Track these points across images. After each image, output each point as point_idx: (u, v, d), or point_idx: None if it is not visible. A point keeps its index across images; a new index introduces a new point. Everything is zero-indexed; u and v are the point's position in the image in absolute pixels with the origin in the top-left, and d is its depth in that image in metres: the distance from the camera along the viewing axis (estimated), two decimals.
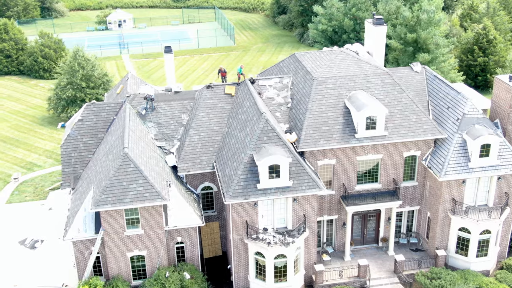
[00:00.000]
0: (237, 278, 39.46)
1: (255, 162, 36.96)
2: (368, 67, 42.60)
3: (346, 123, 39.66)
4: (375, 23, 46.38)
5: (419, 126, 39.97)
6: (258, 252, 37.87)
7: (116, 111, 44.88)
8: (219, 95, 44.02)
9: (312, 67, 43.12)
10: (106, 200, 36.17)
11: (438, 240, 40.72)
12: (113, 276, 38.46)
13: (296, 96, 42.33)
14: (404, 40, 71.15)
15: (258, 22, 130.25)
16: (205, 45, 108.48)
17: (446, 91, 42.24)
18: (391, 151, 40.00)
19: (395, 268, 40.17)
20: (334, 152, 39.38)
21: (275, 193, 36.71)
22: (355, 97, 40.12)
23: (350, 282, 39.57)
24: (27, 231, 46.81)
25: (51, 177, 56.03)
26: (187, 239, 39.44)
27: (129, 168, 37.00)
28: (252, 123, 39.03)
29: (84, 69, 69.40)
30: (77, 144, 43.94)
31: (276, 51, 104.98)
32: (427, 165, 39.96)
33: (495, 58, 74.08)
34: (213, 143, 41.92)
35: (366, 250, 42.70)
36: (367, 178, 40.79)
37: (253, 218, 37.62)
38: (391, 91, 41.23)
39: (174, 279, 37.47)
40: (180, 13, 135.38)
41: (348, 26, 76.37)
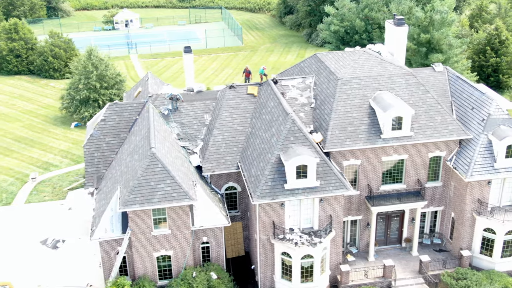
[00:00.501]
0: (263, 278, 39.48)
1: (282, 163, 37.00)
2: (392, 68, 42.65)
3: (372, 124, 39.71)
4: (397, 23, 46.44)
5: (444, 126, 40.03)
6: (284, 252, 37.89)
7: (139, 111, 44.89)
8: (241, 95, 44.06)
9: (335, 67, 43.15)
10: (134, 200, 36.17)
11: (462, 240, 40.79)
12: (139, 276, 38.46)
13: (320, 96, 42.37)
14: (417, 41, 71.08)
15: (265, 22, 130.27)
16: (213, 45, 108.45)
17: (470, 91, 42.32)
18: (416, 151, 40.05)
19: (420, 268, 40.21)
20: (359, 152, 39.43)
21: (303, 193, 36.75)
22: (380, 98, 40.17)
23: (376, 283, 39.61)
24: (48, 231, 46.79)
25: (68, 177, 55.99)
26: (213, 239, 39.47)
27: (156, 168, 37.01)
28: (277, 123, 39.05)
29: (98, 69, 69.30)
30: (100, 144, 43.94)
31: (285, 51, 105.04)
32: (453, 165, 40.02)
33: (507, 58, 74.20)
34: (236, 143, 41.94)
35: (390, 250, 42.75)
36: (391, 178, 40.84)
37: (280, 218, 37.65)
38: (416, 91, 41.28)
39: (201, 279, 37.50)
40: (186, 13, 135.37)
41: (360, 27, 76.37)
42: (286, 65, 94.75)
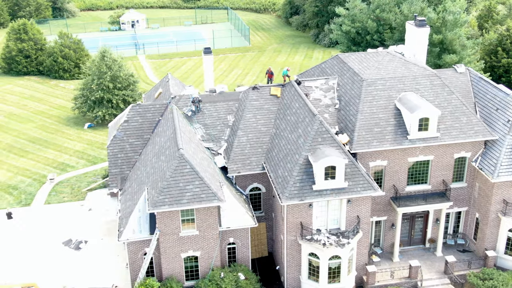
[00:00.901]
0: (289, 279, 39.55)
1: (310, 164, 37.08)
2: (416, 69, 42.77)
3: (398, 125, 39.82)
4: (418, 24, 46.60)
5: (470, 127, 40.16)
6: (312, 253, 37.96)
7: (161, 112, 44.94)
8: (265, 96, 44.12)
9: (359, 68, 43.25)
10: (164, 201, 36.21)
11: (487, 241, 40.93)
12: (167, 277, 38.48)
13: (344, 97, 42.46)
14: (430, 41, 71.14)
15: (270, 23, 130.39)
16: (220, 46, 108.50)
17: (494, 92, 42.48)
18: (442, 152, 40.17)
19: (446, 269, 40.33)
20: (386, 153, 39.53)
21: (331, 194, 36.84)
22: (405, 99, 40.28)
23: (401, 283, 39.72)
24: (69, 232, 46.78)
25: (85, 178, 55.97)
26: (239, 240, 39.53)
27: (185, 169, 37.05)
28: (304, 124, 39.13)
29: (112, 70, 69.30)
30: (123, 145, 43.98)
31: (292, 52, 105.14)
32: (478, 166, 40.15)
33: None
34: (261, 144, 42.01)
35: (414, 251, 42.85)
36: (417, 179, 40.94)
37: (307, 219, 37.73)
38: (441, 92, 41.40)
39: (229, 280, 37.55)
40: (191, 13, 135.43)
41: (372, 28, 76.40)
42: (294, 66, 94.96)
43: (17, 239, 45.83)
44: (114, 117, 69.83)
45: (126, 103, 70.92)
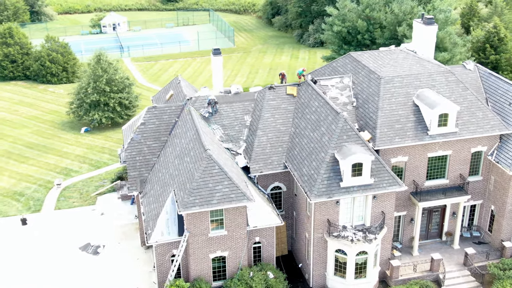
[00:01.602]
0: (315, 276, 39.99)
1: (336, 161, 37.60)
2: (430, 66, 43.71)
3: (417, 121, 40.66)
4: (426, 22, 47.51)
5: (486, 122, 41.24)
6: (339, 249, 38.48)
7: (178, 113, 44.91)
8: (281, 96, 44.50)
9: (375, 66, 43.99)
10: (194, 202, 36.28)
11: (503, 232, 42.07)
12: (195, 278, 38.53)
13: (361, 95, 43.12)
14: None
15: (252, 24, 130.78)
16: (204, 47, 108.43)
17: (506, 87, 43.68)
18: (460, 147, 41.15)
19: (465, 260, 41.31)
20: (407, 149, 40.32)
21: (357, 191, 37.42)
22: (423, 95, 41.15)
23: (423, 276, 40.55)
24: (85, 237, 46.39)
25: (92, 182, 55.49)
26: (265, 239, 39.81)
27: (214, 170, 37.18)
28: (327, 122, 39.63)
29: (108, 73, 68.80)
30: (141, 148, 43.80)
31: (278, 52, 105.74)
32: (494, 160, 41.25)
33: (506, 55, 76.22)
34: (281, 143, 42.38)
35: (431, 244, 43.75)
36: (435, 174, 41.84)
37: (334, 216, 38.25)
38: (456, 88, 42.41)
39: (259, 279, 37.79)
40: (172, 15, 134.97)
41: (362, 27, 77.44)
42: (282, 66, 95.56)
43: (33, 246, 45.26)
44: (111, 121, 69.49)
45: (123, 106, 70.55)
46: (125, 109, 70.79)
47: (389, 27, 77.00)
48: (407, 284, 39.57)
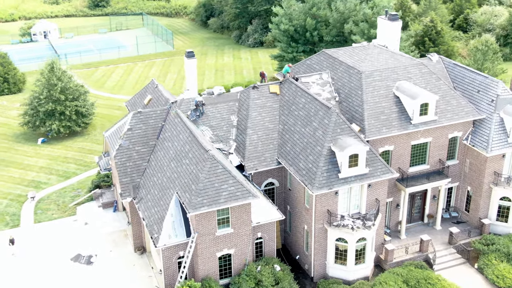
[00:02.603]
0: (316, 265, 41.49)
1: (332, 154, 39.27)
2: (404, 59, 46.31)
3: (400, 111, 43.05)
4: (391, 19, 50.20)
5: (460, 109, 44.25)
6: (339, 238, 40.17)
7: (163, 117, 45.11)
8: (265, 94, 45.68)
9: (352, 62, 46.06)
10: (202, 203, 36.84)
11: (481, 211, 45.27)
12: (203, 278, 39.04)
13: (343, 90, 45.04)
14: (367, 36, 75.91)
15: (186, 27, 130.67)
16: (144, 52, 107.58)
17: (472, 76, 46.97)
18: (439, 134, 43.94)
19: (450, 239, 44.15)
20: (393, 138, 42.62)
21: (355, 180, 39.28)
22: (403, 87, 43.61)
23: (414, 257, 43.00)
24: (74, 248, 45.64)
25: (66, 193, 54.43)
26: (266, 234, 40.89)
27: (218, 170, 37.87)
28: (318, 117, 41.22)
29: (62, 81, 67.36)
30: (130, 154, 43.72)
31: (219, 54, 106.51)
32: (470, 143, 44.33)
33: (444, 47, 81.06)
34: (271, 140, 43.58)
35: (415, 227, 46.35)
36: (418, 160, 44.44)
37: (333, 206, 39.91)
38: (430, 79, 45.20)
39: (267, 273, 38.83)
40: (103, 20, 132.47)
41: (310, 25, 79.92)
42: (227, 67, 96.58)
43: (22, 261, 44.02)
44: (69, 129, 68.01)
45: (79, 114, 69.19)
46: (82, 117, 69.46)
47: (335, 25, 79.88)
48: (402, 265, 41.79)
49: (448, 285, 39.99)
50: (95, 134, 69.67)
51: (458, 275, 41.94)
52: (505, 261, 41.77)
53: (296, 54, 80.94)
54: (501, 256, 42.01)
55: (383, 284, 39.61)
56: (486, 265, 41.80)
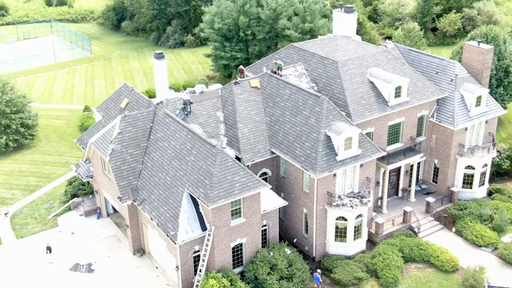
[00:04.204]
0: (318, 245, 44.09)
1: (328, 139, 42.01)
2: (370, 48, 49.99)
3: (376, 95, 46.62)
4: (347, 11, 53.81)
5: (426, 89, 48.62)
6: (339, 217, 43.02)
7: (151, 119, 45.66)
8: (247, 89, 47.52)
9: (324, 52, 49.06)
10: (219, 196, 38.18)
11: (449, 180, 50.01)
12: (219, 269, 40.34)
13: (320, 79, 47.91)
14: (302, 30, 79.51)
15: (96, 31, 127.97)
16: (62, 59, 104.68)
17: (428, 59, 51.56)
18: (410, 113, 48.04)
19: (427, 208, 48.45)
20: (374, 121, 46.11)
21: (350, 162, 42.30)
22: (375, 73, 47.22)
23: (400, 228, 46.81)
24: (69, 258, 45.03)
25: (37, 206, 53.06)
26: (270, 221, 42.86)
27: (228, 163, 39.34)
28: (308, 106, 43.77)
29: (5, 94, 65.00)
30: (124, 157, 43.94)
31: (141, 57, 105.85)
32: (436, 120, 48.84)
33: (366, 37, 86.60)
34: (261, 132, 45.56)
35: (392, 201, 50.22)
36: (393, 139, 48.28)
37: (332, 188, 42.69)
38: (396, 64, 49.19)
39: (280, 256, 40.86)
40: (7, 30, 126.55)
41: (243, 23, 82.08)
42: None
43: (19, 278, 42.81)
44: (17, 142, 65.72)
45: (25, 126, 66.98)
46: (28, 129, 67.32)
47: (268, 21, 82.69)
48: (393, 236, 45.43)
49: (438, 248, 44.09)
50: (42, 146, 67.74)
51: (440, 239, 46.21)
52: (479, 222, 46.59)
53: (233, 53, 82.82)
54: (475, 218, 46.83)
55: (382, 255, 42.95)
56: (463, 227, 46.41)
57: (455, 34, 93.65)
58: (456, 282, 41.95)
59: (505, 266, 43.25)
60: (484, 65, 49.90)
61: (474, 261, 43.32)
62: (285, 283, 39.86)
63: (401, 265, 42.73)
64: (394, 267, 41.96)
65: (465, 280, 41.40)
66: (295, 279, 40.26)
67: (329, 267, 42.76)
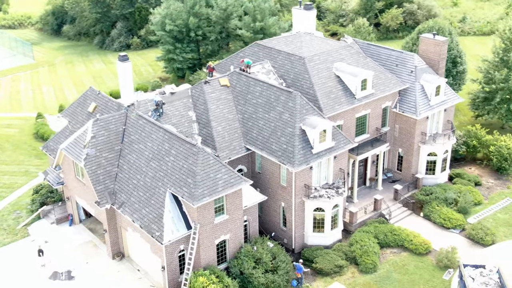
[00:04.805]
0: (297, 237, 45.14)
1: (303, 133, 43.11)
2: (332, 43, 51.48)
3: (343, 89, 48.11)
4: (307, 8, 55.14)
5: (389, 81, 50.53)
6: (317, 208, 44.21)
7: (123, 121, 45.46)
8: (217, 88, 48.02)
9: (290, 49, 50.18)
10: (203, 194, 38.57)
11: (413, 168, 52.16)
12: (204, 266, 40.71)
13: (288, 76, 48.97)
14: (253, 29, 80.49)
15: (36, 37, 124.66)
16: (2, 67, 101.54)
17: (387, 53, 53.55)
18: (375, 105, 49.81)
19: (395, 195, 50.37)
20: (343, 114, 47.55)
21: (325, 154, 43.56)
22: (341, 67, 48.70)
23: (372, 216, 48.50)
24: (46, 267, 44.20)
25: (3, 216, 51.65)
26: (251, 216, 43.56)
27: (210, 161, 39.78)
28: (281, 102, 44.73)
29: None
30: (99, 161, 43.60)
31: (86, 61, 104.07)
32: (400, 111, 50.84)
33: None
34: (235, 129, 46.17)
35: (361, 191, 51.85)
36: (360, 131, 49.92)
37: (309, 180, 43.81)
38: (359, 58, 50.87)
39: (264, 250, 41.63)
40: None
41: (194, 24, 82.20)
42: (104, 73, 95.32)
43: None
44: None
45: None
46: None
47: (218, 21, 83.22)
48: (367, 224, 47.03)
49: (410, 232, 46.01)
50: None
51: (410, 224, 48.17)
52: (445, 206, 48.88)
53: (185, 54, 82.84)
54: (441, 202, 49.10)
55: (359, 242, 44.45)
56: (431, 212, 48.59)
57: (398, 28, 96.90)
58: (430, 263, 43.91)
59: (473, 246, 45.61)
60: (440, 56, 52.29)
61: (445, 242, 45.44)
62: (271, 276, 40.66)
63: (378, 251, 44.35)
64: (372, 253, 43.53)
65: (439, 261, 43.40)
66: (279, 271, 41.12)
67: (309, 258, 43.85)
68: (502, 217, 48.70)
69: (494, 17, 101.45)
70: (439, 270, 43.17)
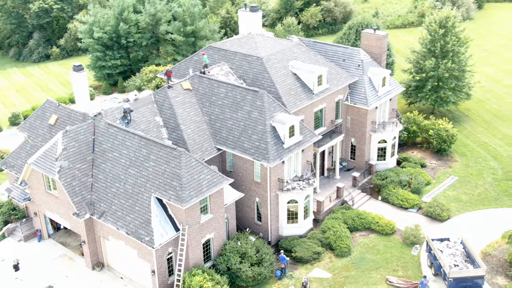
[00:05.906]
0: (272, 230, 47.03)
1: (273, 129, 45.06)
2: (285, 42, 53.75)
3: (301, 86, 50.51)
4: (253, 10, 57.16)
5: (340, 76, 53.53)
6: (290, 200, 46.32)
7: (91, 131, 45.36)
8: (181, 92, 48.89)
9: (246, 50, 51.93)
10: (191, 195, 39.58)
11: (366, 155, 55.56)
12: (192, 266, 41.69)
13: (247, 76, 50.69)
14: (184, 32, 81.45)
15: None
16: None
17: (333, 49, 56.57)
18: (330, 99, 52.63)
19: (354, 182, 53.50)
20: (304, 109, 49.92)
21: (295, 148, 45.76)
22: (297, 65, 51.09)
23: (336, 204, 51.32)
24: (24, 285, 43.35)
25: None
26: (229, 214, 44.95)
27: (192, 163, 40.80)
28: (249, 101, 46.41)
29: None
30: (73, 173, 43.34)
31: (4, 74, 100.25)
32: (351, 103, 54.01)
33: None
34: (204, 131, 47.32)
35: (321, 181, 54.54)
36: (318, 124, 52.57)
37: (281, 174, 45.83)
38: (310, 56, 53.49)
39: (248, 245, 43.20)
40: None
41: (124, 30, 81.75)
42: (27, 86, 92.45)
43: None
44: None
45: None
46: None
47: (148, 27, 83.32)
48: (334, 211, 49.73)
49: (375, 215, 49.18)
50: None
51: (371, 207, 51.40)
52: (400, 188, 52.56)
53: (115, 60, 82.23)
54: (396, 185, 52.76)
55: (332, 228, 47.05)
56: (388, 194, 52.11)
57: (317, 26, 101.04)
58: (398, 242, 47.26)
59: (432, 222, 49.50)
60: (382, 49, 55.97)
61: (406, 221, 49.01)
62: (257, 269, 42.29)
63: (349, 235, 47.12)
64: (345, 238, 46.25)
65: (406, 238, 46.84)
66: (264, 263, 42.84)
67: (287, 248, 45.85)
68: (451, 193, 53.06)
69: (403, 11, 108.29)
70: (407, 247, 46.58)
